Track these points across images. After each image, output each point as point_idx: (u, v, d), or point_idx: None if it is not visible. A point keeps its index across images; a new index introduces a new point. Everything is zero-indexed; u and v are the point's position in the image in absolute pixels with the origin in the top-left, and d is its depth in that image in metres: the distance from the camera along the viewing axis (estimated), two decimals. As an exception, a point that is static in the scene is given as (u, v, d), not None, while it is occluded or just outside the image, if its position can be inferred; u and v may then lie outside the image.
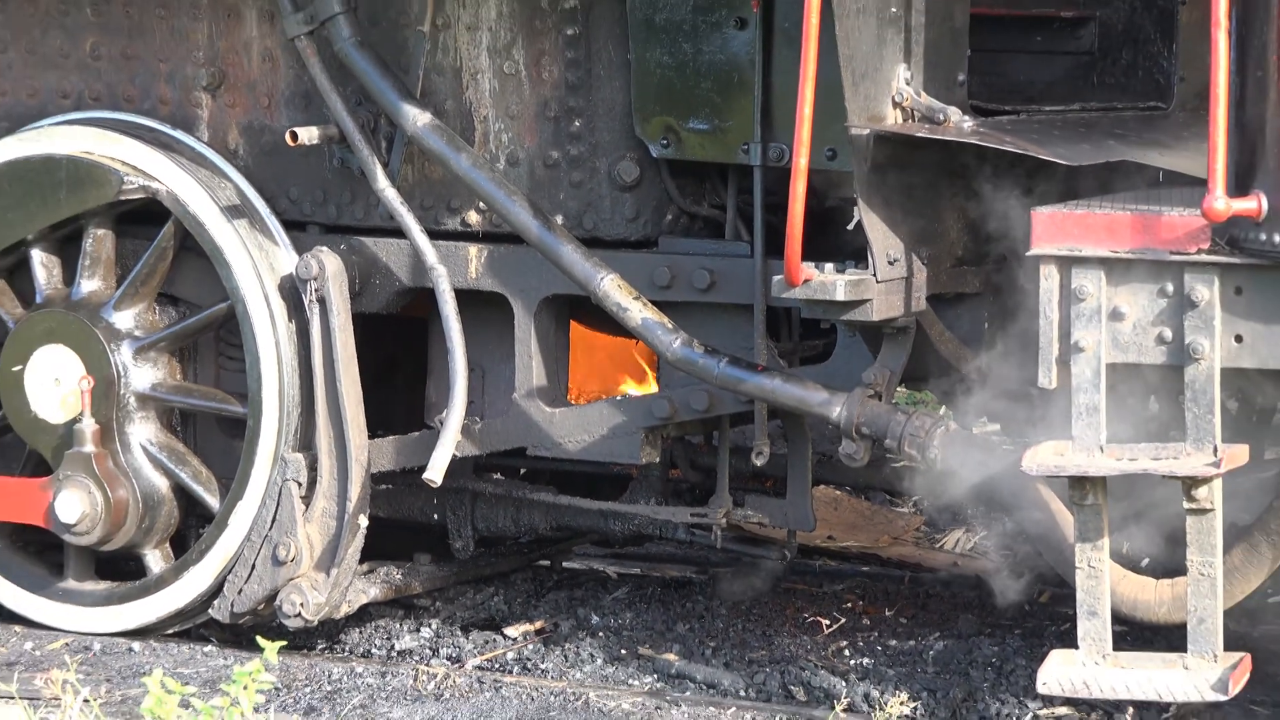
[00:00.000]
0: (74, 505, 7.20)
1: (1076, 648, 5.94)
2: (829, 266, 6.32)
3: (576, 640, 7.51)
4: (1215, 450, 5.80)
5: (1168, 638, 6.19)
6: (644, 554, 8.46)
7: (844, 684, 6.98)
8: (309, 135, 7.06)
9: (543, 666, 7.32)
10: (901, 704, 6.66)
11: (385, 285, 7.15)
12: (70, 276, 7.42)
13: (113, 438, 7.27)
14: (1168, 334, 5.84)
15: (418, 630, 7.63)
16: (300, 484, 7.06)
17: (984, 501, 6.61)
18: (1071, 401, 5.90)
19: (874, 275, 6.30)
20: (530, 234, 6.82)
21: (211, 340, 7.45)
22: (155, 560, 7.39)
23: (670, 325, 6.69)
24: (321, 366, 7.03)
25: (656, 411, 6.92)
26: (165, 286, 7.39)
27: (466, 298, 7.00)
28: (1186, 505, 5.84)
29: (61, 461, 7.25)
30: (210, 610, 7.25)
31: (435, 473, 6.83)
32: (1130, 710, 6.71)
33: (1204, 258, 5.79)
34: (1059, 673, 5.92)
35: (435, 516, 7.60)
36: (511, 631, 7.66)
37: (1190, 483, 5.80)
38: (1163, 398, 6.18)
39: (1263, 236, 5.72)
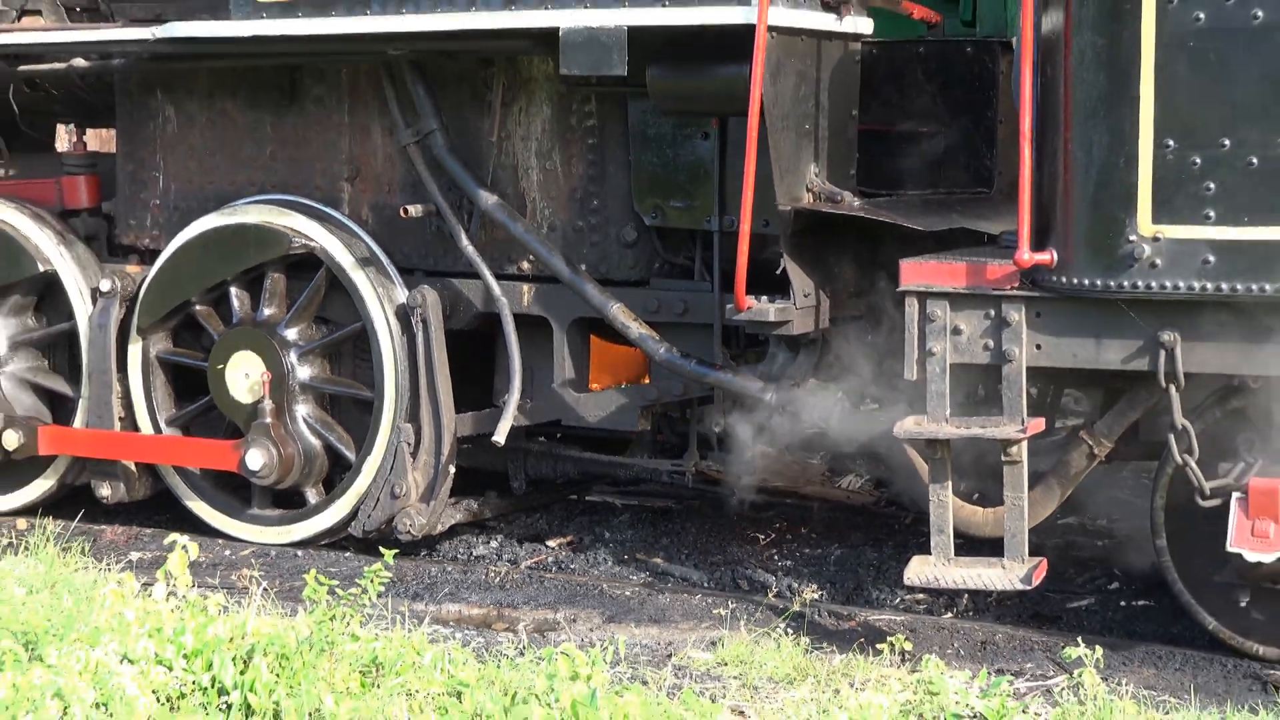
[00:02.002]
0: (258, 458, 7.17)
1: (930, 554, 5.91)
2: (764, 298, 6.30)
3: (595, 549, 7.47)
4: (1023, 421, 5.77)
5: (991, 547, 6.15)
6: (640, 491, 8.42)
7: (774, 578, 6.95)
8: (416, 210, 7.05)
9: (572, 566, 7.29)
10: (812, 592, 6.63)
11: (466, 311, 7.12)
12: (255, 305, 7.38)
13: (284, 413, 7.23)
14: (991, 344, 5.82)
15: (488, 542, 7.59)
16: (409, 444, 7.02)
17: (868, 455, 6.57)
18: (926, 388, 5.88)
19: (794, 304, 6.30)
20: (563, 277, 6.81)
21: (350, 348, 7.41)
22: (312, 495, 7.36)
23: (657, 338, 6.67)
24: (423, 365, 7.00)
25: (648, 396, 6.90)
26: (319, 312, 7.35)
27: (520, 320, 6.97)
28: (1003, 458, 5.82)
29: (249, 429, 7.23)
30: (349, 529, 7.22)
31: (500, 436, 6.82)
32: (966, 596, 6.69)
33: (1015, 292, 5.77)
34: (918, 571, 5.90)
35: (500, 466, 7.57)
36: (551, 543, 7.63)
37: (1006, 443, 5.78)
38: (986, 386, 6.16)
39: (1054, 278, 5.70)
